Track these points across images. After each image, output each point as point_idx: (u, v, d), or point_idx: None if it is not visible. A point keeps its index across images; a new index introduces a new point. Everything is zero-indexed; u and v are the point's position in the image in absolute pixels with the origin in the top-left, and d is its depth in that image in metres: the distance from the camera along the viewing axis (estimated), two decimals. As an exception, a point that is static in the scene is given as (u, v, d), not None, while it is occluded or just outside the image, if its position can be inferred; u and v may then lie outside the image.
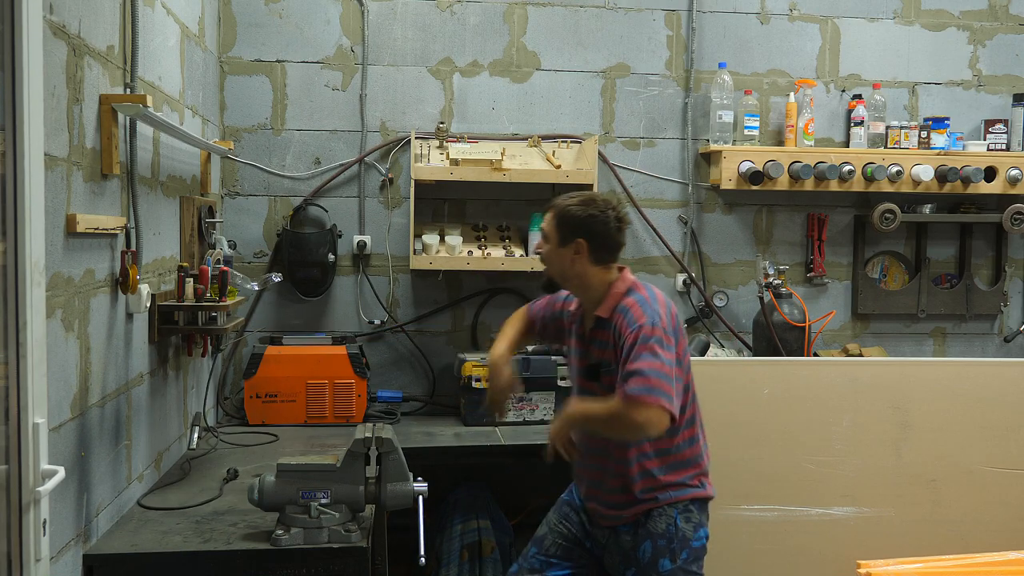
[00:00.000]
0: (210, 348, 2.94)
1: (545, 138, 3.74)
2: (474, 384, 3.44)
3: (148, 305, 2.42)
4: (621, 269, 2.43)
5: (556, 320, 2.60)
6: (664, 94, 3.85)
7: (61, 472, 1.67)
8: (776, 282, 3.59)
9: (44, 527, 1.66)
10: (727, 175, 3.69)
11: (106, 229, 2.14)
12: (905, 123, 3.83)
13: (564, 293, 2.57)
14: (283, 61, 3.65)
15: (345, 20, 3.67)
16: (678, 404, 2.22)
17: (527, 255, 3.59)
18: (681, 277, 3.87)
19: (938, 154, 3.78)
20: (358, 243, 3.67)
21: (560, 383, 3.45)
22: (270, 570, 2.14)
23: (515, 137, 3.75)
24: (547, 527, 2.55)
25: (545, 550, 2.52)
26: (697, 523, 2.37)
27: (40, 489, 1.63)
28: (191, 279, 2.66)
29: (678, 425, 2.32)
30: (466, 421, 3.51)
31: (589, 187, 3.55)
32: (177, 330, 2.69)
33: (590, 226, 2.36)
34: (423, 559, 2.23)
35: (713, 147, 3.76)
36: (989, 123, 3.91)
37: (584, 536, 2.50)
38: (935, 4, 3.97)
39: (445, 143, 3.63)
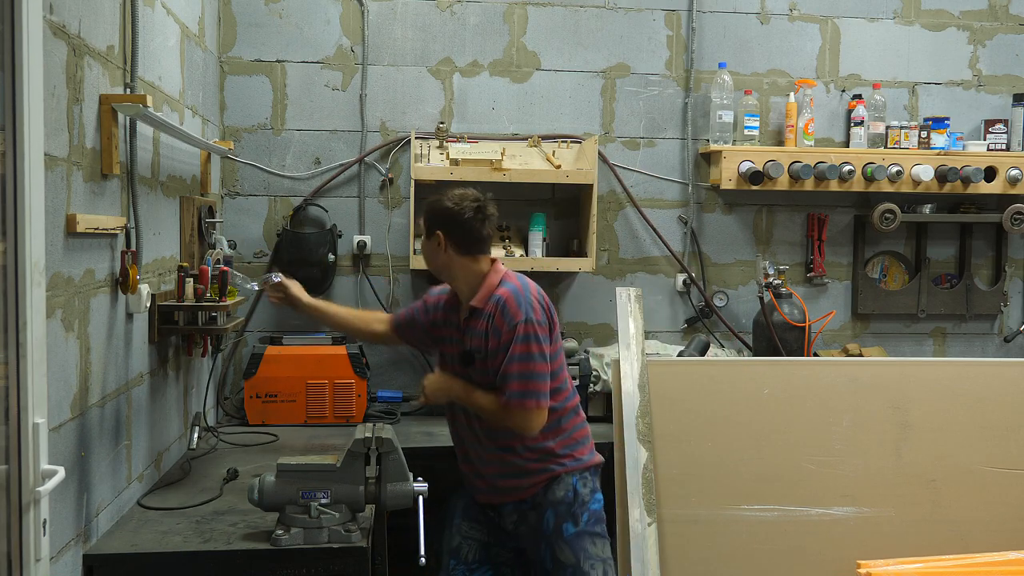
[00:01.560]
0: (210, 348, 2.94)
1: (545, 138, 3.74)
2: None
3: (148, 305, 2.42)
4: (493, 261, 2.57)
5: (419, 321, 2.73)
6: (664, 94, 3.85)
7: (61, 472, 1.67)
8: (776, 282, 3.59)
9: (44, 527, 1.66)
10: (727, 175, 3.69)
11: (106, 229, 2.14)
12: (905, 123, 3.83)
13: (436, 289, 2.73)
14: (283, 61, 3.65)
15: (345, 20, 3.67)
16: (545, 396, 2.45)
17: (527, 255, 3.59)
18: (681, 277, 3.87)
19: (938, 154, 3.78)
20: (358, 243, 3.67)
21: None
22: (270, 570, 2.14)
23: (515, 137, 3.75)
24: (459, 536, 2.64)
25: (464, 558, 2.62)
26: (593, 487, 2.56)
27: (40, 489, 1.63)
28: (191, 279, 2.66)
29: (566, 410, 2.55)
30: (466, 421, 3.51)
31: (589, 187, 3.56)
32: (177, 330, 2.69)
33: (448, 218, 2.51)
34: (423, 559, 2.23)
35: (713, 147, 3.76)
36: (989, 123, 3.91)
37: (497, 531, 2.63)
38: (935, 4, 3.97)
39: (445, 143, 3.63)
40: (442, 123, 3.67)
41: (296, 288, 2.84)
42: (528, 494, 2.54)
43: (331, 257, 3.57)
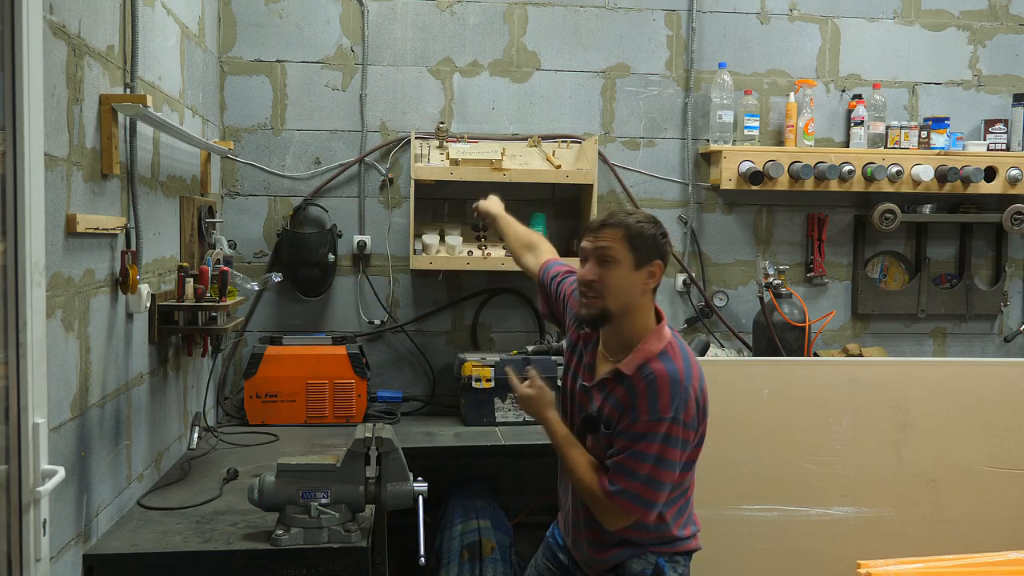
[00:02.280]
0: (210, 348, 2.93)
1: (545, 138, 3.74)
2: (474, 384, 3.43)
3: (148, 305, 2.42)
4: (661, 317, 2.14)
5: (563, 308, 2.37)
6: (664, 94, 3.85)
7: (61, 472, 1.67)
8: (776, 282, 3.59)
9: (44, 527, 1.66)
10: (727, 175, 3.69)
11: (106, 229, 2.14)
12: (905, 123, 3.83)
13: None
14: (283, 61, 3.65)
15: (345, 20, 3.67)
16: (658, 508, 2.05)
17: (527, 255, 3.59)
18: (681, 277, 3.87)
19: (938, 154, 3.78)
20: (358, 243, 3.67)
21: (559, 383, 3.44)
22: (270, 570, 2.14)
23: (515, 137, 3.75)
24: (535, 571, 2.40)
25: None
26: (683, 573, 2.19)
27: (40, 489, 1.63)
28: (191, 279, 2.66)
29: (675, 496, 2.14)
30: (466, 421, 3.51)
31: (589, 187, 3.56)
32: (177, 330, 2.69)
33: (663, 249, 2.09)
34: (423, 559, 2.23)
35: (713, 147, 3.76)
36: (989, 123, 3.91)
37: None
38: (935, 4, 3.97)
39: (445, 143, 3.63)
40: (442, 123, 3.67)
41: (494, 204, 2.71)
42: (605, 567, 2.18)
43: (331, 257, 3.57)
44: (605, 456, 2.09)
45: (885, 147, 3.83)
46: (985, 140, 3.89)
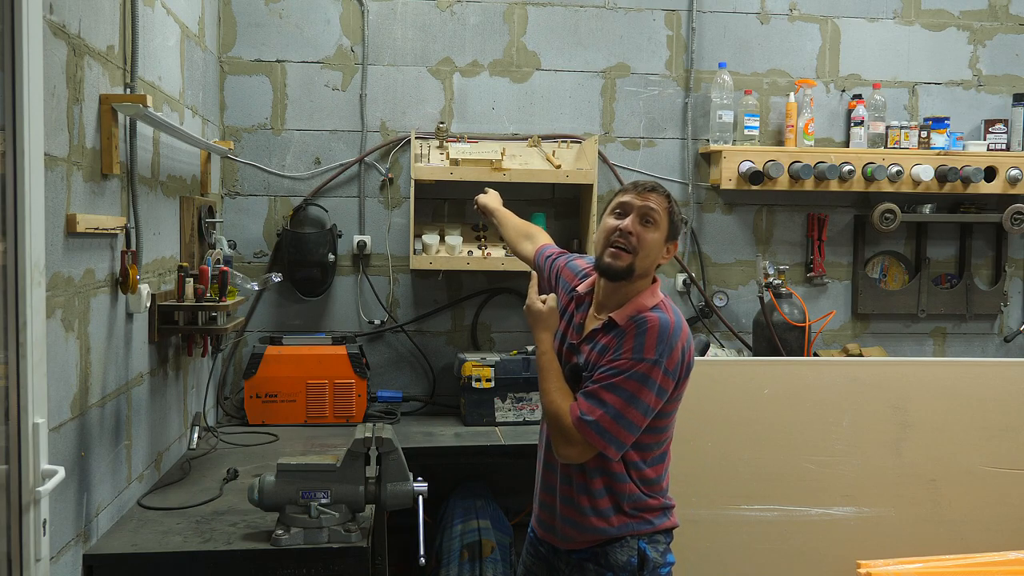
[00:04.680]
0: (210, 348, 2.94)
1: (545, 138, 3.74)
2: (474, 384, 3.44)
3: (148, 305, 2.42)
4: (654, 280, 2.21)
5: (556, 282, 2.41)
6: (664, 94, 3.85)
7: (61, 472, 1.67)
8: (776, 282, 3.60)
9: (44, 527, 1.66)
10: (727, 175, 3.69)
11: (106, 229, 2.14)
12: (905, 123, 3.83)
13: (582, 265, 2.36)
14: (283, 61, 3.65)
15: (345, 20, 3.67)
16: (622, 448, 2.06)
17: (527, 255, 3.59)
18: (681, 277, 3.87)
19: (938, 154, 3.78)
20: (358, 243, 3.67)
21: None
22: (270, 570, 2.14)
23: (515, 137, 3.75)
24: (524, 567, 2.36)
25: None
26: (665, 550, 2.17)
27: (40, 489, 1.63)
28: (191, 279, 2.66)
29: (650, 459, 2.14)
30: (466, 421, 3.51)
31: (589, 187, 3.56)
32: (177, 330, 2.69)
33: (680, 231, 2.21)
34: (423, 559, 2.23)
35: (713, 147, 3.76)
36: (989, 123, 3.91)
37: (552, 572, 2.26)
38: (935, 4, 3.97)
39: (445, 143, 3.63)
40: (442, 123, 3.67)
41: (492, 200, 2.86)
42: (583, 545, 2.16)
43: (331, 257, 3.57)
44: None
45: (885, 147, 3.83)
46: (985, 140, 3.89)
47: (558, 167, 3.59)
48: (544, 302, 2.27)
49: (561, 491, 2.18)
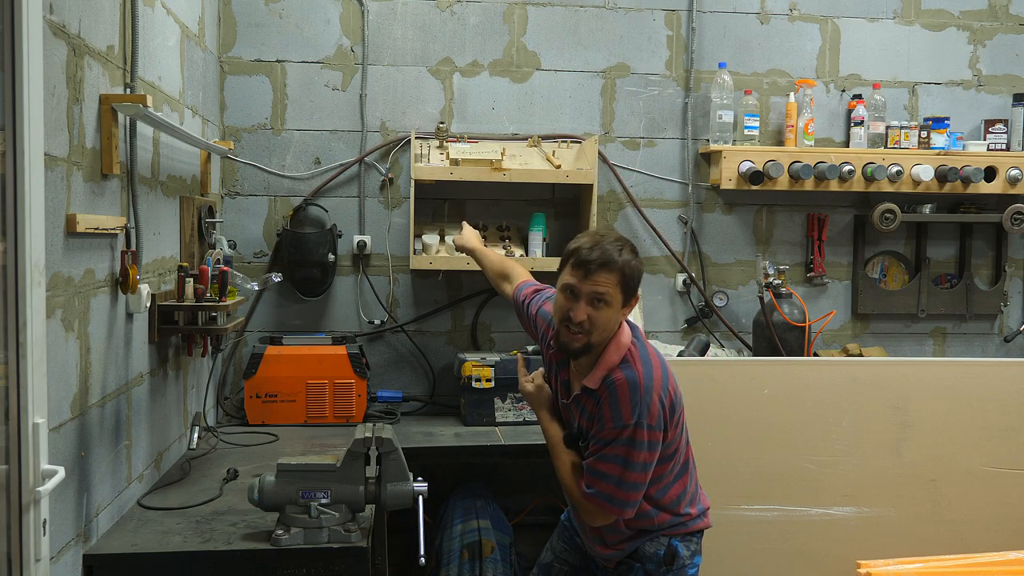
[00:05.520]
0: (210, 348, 2.93)
1: (545, 138, 3.74)
2: (474, 384, 3.44)
3: (148, 305, 2.42)
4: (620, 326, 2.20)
5: (534, 327, 2.47)
6: (664, 94, 3.85)
7: (61, 472, 1.67)
8: (776, 282, 3.60)
9: (44, 527, 1.66)
10: (727, 175, 3.69)
11: (106, 229, 2.14)
12: (905, 123, 3.83)
13: (550, 309, 2.33)
14: (283, 61, 3.65)
15: (345, 20, 3.67)
16: (635, 506, 2.14)
17: (527, 255, 3.59)
18: (681, 277, 3.87)
19: (938, 154, 3.78)
20: (358, 243, 3.67)
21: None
22: (270, 570, 2.14)
23: (515, 137, 3.75)
24: (552, 554, 2.45)
25: None
26: (695, 550, 2.28)
27: (40, 489, 1.63)
28: (191, 279, 2.66)
29: (667, 483, 2.21)
30: (466, 421, 3.51)
31: (589, 187, 3.56)
32: (177, 330, 2.69)
33: (639, 282, 2.18)
34: (423, 559, 2.23)
35: (713, 147, 3.76)
36: (989, 123, 3.91)
37: (589, 560, 2.39)
38: (935, 4, 3.97)
39: (445, 143, 3.63)
40: (442, 123, 3.67)
41: (471, 239, 2.90)
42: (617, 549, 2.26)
43: (331, 257, 3.57)
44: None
45: (885, 147, 3.83)
46: (985, 140, 3.89)
47: (558, 167, 3.59)
48: (532, 381, 2.38)
49: (590, 529, 2.27)
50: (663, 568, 2.21)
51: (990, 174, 3.79)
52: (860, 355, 3.74)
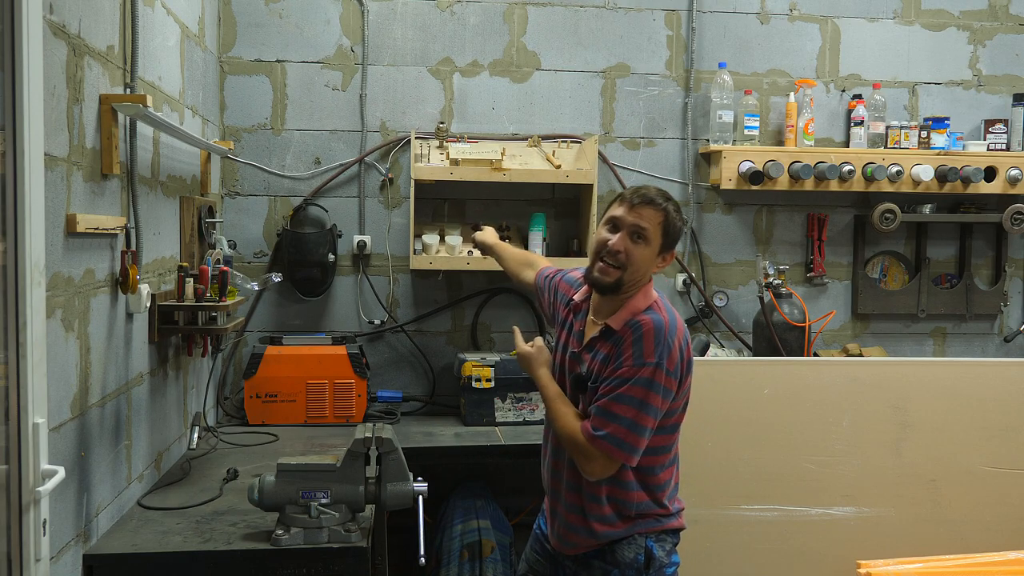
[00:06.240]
0: (210, 348, 2.94)
1: (545, 138, 3.74)
2: (474, 384, 3.44)
3: (148, 305, 2.42)
4: (648, 279, 2.21)
5: (555, 297, 2.47)
6: (664, 94, 3.85)
7: (61, 472, 1.67)
8: (776, 282, 3.60)
9: (44, 527, 1.66)
10: (727, 175, 3.69)
11: (106, 229, 2.14)
12: (905, 123, 3.83)
13: (577, 276, 2.38)
14: (283, 61, 3.65)
15: (345, 20, 3.67)
16: (640, 454, 2.08)
17: (527, 255, 3.59)
18: (681, 277, 3.87)
19: (938, 154, 3.78)
20: (358, 243, 3.67)
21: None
22: (270, 570, 2.14)
23: (515, 137, 3.75)
24: (527, 564, 2.40)
25: None
26: (671, 550, 2.21)
27: (40, 489, 1.63)
28: (191, 279, 2.66)
29: (661, 462, 2.17)
30: (466, 421, 3.51)
31: (589, 187, 3.56)
32: (177, 330, 2.69)
33: (679, 238, 2.21)
34: (423, 559, 2.23)
35: (713, 147, 3.76)
36: (989, 123, 3.91)
37: (559, 568, 2.29)
38: (935, 4, 3.97)
39: (445, 143, 3.63)
40: (442, 123, 3.66)
41: (490, 236, 2.91)
42: (588, 550, 2.19)
43: (331, 257, 3.57)
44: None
45: (885, 147, 3.83)
46: (985, 140, 3.89)
47: (558, 167, 3.59)
48: (532, 344, 2.37)
49: (567, 498, 2.22)
50: (643, 574, 2.14)
51: (990, 174, 3.79)
52: (860, 355, 3.74)
